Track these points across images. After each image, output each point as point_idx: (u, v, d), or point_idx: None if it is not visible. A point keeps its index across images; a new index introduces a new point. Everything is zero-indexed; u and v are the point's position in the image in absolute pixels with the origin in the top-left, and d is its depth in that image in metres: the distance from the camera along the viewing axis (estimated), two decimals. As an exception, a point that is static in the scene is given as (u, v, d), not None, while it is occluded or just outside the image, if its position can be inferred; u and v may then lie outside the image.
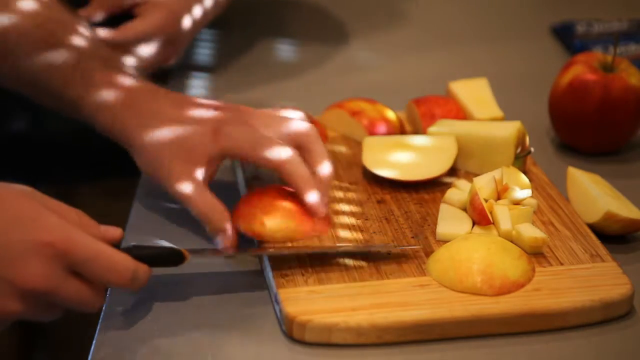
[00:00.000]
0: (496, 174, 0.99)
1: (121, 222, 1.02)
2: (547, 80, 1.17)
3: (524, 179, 1.00)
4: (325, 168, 0.97)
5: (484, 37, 1.49)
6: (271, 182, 1.05)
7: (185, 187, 0.95)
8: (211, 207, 0.95)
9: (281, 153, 0.95)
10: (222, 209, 0.95)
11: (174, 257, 0.88)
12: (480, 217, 0.95)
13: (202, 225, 0.96)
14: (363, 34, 1.51)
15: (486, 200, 0.96)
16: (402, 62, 1.42)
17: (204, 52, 1.43)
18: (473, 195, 0.96)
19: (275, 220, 0.95)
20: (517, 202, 0.97)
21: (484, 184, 0.98)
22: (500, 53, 1.43)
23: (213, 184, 1.08)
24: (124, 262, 0.82)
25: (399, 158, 1.05)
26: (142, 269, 0.84)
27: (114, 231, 0.86)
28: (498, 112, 1.14)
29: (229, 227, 0.94)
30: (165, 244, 0.91)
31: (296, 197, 0.96)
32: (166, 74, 1.35)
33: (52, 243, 0.80)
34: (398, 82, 1.23)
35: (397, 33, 1.52)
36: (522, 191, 0.98)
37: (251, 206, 0.96)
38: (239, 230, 0.95)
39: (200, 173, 0.96)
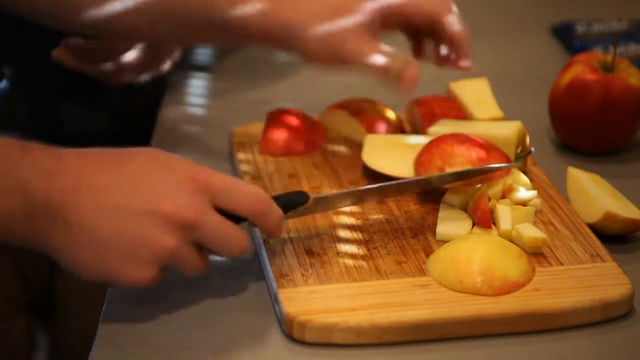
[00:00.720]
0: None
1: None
2: (547, 80, 1.17)
3: (524, 179, 1.00)
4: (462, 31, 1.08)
5: (484, 37, 1.49)
6: (270, 185, 1.05)
7: (361, 49, 1.03)
8: (389, 61, 1.03)
9: (438, 5, 1.08)
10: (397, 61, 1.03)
11: (299, 199, 0.92)
12: (482, 219, 0.95)
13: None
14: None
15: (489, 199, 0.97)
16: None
17: (204, 52, 1.43)
18: (480, 197, 0.96)
19: (453, 167, 0.98)
20: (522, 203, 0.97)
21: (491, 184, 0.98)
22: (500, 53, 1.43)
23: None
24: (259, 190, 0.87)
25: (400, 157, 1.04)
26: (275, 204, 0.88)
27: None
28: (498, 112, 1.14)
29: (409, 67, 1.03)
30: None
31: (471, 142, 0.99)
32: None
33: (194, 177, 0.84)
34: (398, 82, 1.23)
35: (396, 33, 1.52)
36: (528, 192, 0.98)
37: (429, 152, 1.00)
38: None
39: (372, 34, 1.04)
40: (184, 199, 0.83)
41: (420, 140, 1.06)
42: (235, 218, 0.86)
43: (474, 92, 1.17)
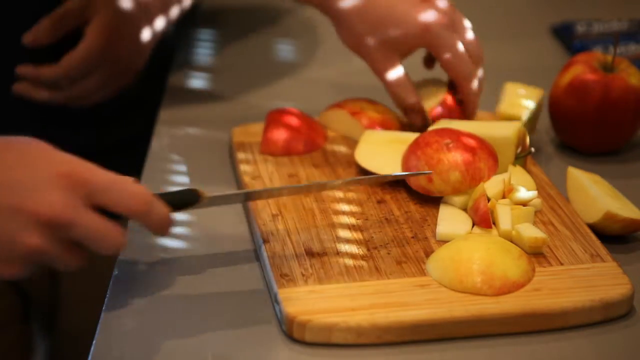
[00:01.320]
0: (505, 176, 0.99)
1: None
2: (547, 81, 1.17)
3: (530, 179, 1.00)
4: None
5: (484, 37, 1.49)
6: (270, 185, 1.05)
7: (384, 71, 1.10)
8: (406, 91, 1.09)
9: (467, 73, 1.09)
10: (415, 93, 1.10)
11: (189, 197, 0.89)
12: (482, 219, 0.95)
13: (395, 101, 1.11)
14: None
15: (489, 200, 0.96)
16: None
17: (204, 52, 1.43)
18: (479, 197, 0.96)
19: (441, 175, 0.98)
20: (522, 203, 0.97)
21: (492, 185, 0.98)
22: (501, 53, 1.43)
23: (212, 185, 1.09)
24: (141, 190, 0.83)
25: (395, 156, 1.04)
26: (160, 203, 0.85)
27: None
28: (516, 124, 1.10)
29: (418, 102, 1.10)
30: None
31: (457, 142, 1.00)
32: (166, 73, 1.35)
33: (69, 173, 0.81)
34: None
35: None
36: (529, 192, 0.98)
37: (415, 156, 1.00)
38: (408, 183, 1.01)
39: (398, 56, 1.09)
40: (54, 196, 0.79)
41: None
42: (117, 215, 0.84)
43: (519, 98, 1.15)
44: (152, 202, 0.84)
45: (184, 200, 0.89)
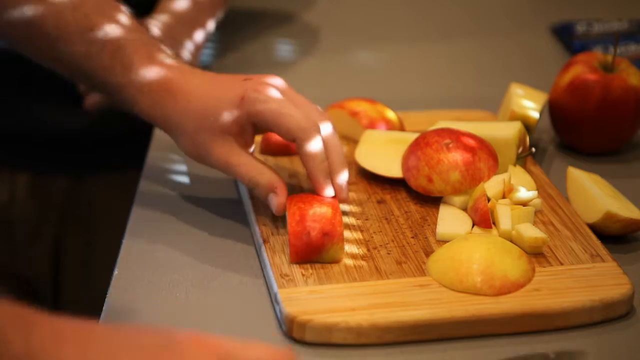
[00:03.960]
0: (505, 176, 0.99)
1: (125, 214, 1.02)
2: (547, 80, 1.17)
3: (530, 179, 1.00)
4: (340, 162, 0.98)
5: (484, 37, 1.49)
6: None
7: (225, 159, 0.97)
8: (256, 169, 0.96)
9: (304, 124, 0.96)
10: (267, 170, 0.97)
11: None
12: (482, 219, 0.95)
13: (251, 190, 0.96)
14: (363, 33, 1.51)
15: (489, 200, 0.97)
16: (401, 62, 1.42)
17: (205, 53, 1.43)
18: (479, 197, 0.96)
19: (441, 175, 0.98)
20: (522, 203, 0.97)
21: (492, 185, 0.98)
22: (500, 53, 1.44)
23: (212, 185, 1.09)
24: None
25: (395, 156, 1.04)
26: None
27: None
28: (518, 124, 1.10)
29: (278, 185, 0.96)
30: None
31: (457, 142, 0.99)
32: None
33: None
34: (398, 82, 1.23)
35: (396, 33, 1.52)
36: (529, 192, 0.98)
37: (415, 156, 1.00)
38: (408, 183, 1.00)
39: (236, 141, 0.97)
40: None
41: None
42: None
43: (527, 98, 1.14)
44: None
45: None
